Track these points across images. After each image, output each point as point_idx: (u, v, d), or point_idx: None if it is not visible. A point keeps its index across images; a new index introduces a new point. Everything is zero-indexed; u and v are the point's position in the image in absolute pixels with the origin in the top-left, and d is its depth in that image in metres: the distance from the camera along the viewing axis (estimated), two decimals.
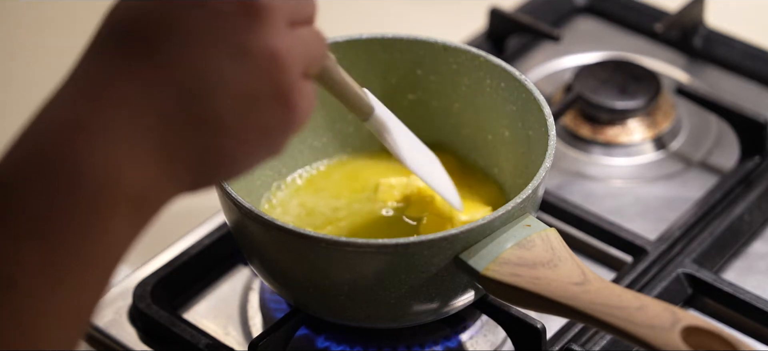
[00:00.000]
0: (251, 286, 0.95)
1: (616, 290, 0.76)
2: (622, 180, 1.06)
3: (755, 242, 0.99)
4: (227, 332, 0.92)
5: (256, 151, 0.62)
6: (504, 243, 0.79)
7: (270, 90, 0.61)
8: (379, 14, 1.26)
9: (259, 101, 0.60)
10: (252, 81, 0.60)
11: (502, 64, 0.90)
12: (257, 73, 0.60)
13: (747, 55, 1.16)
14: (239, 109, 0.60)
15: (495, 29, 1.16)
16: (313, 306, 0.86)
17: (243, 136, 0.61)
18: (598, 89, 1.09)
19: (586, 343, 0.89)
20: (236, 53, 0.60)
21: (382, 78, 0.95)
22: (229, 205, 0.82)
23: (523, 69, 1.16)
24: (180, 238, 0.97)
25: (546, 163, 0.83)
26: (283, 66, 0.61)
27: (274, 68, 0.60)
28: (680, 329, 0.72)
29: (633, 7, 1.22)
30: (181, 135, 0.59)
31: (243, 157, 0.62)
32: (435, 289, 0.81)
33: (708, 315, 0.93)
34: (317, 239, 0.79)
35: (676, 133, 1.09)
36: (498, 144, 0.93)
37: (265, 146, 0.62)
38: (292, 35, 0.62)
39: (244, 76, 0.60)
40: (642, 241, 0.96)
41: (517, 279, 0.78)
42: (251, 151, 0.62)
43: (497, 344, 0.91)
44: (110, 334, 0.91)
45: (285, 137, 0.63)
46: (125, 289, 0.93)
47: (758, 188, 1.01)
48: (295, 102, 0.62)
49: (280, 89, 0.61)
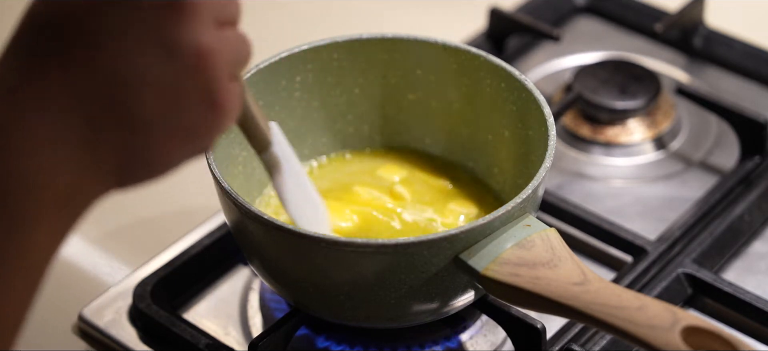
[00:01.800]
0: (251, 286, 0.95)
1: (616, 290, 0.76)
2: (622, 180, 1.06)
3: (755, 242, 0.99)
4: (227, 332, 0.92)
5: (181, 150, 0.61)
6: (504, 243, 0.79)
7: (196, 89, 0.59)
8: (379, 14, 1.26)
9: (184, 100, 0.59)
10: (177, 79, 0.58)
11: (502, 64, 0.90)
12: (183, 71, 0.58)
13: (747, 55, 1.16)
14: (164, 108, 0.58)
15: (495, 29, 1.16)
16: (313, 306, 0.86)
17: (169, 135, 0.59)
18: (598, 89, 1.09)
19: (586, 343, 0.89)
20: (161, 50, 0.58)
21: (382, 78, 0.95)
22: (229, 205, 0.82)
23: (523, 69, 1.16)
24: (180, 238, 0.97)
25: (546, 163, 0.83)
26: (211, 64, 0.59)
27: (201, 66, 0.59)
28: (680, 329, 0.72)
29: (633, 7, 1.22)
30: (104, 134, 0.58)
31: (168, 155, 0.60)
32: (435, 289, 0.81)
33: (708, 315, 0.93)
34: (317, 239, 0.79)
35: (676, 133, 1.09)
36: (498, 144, 0.93)
37: (191, 145, 0.61)
38: (219, 35, 0.60)
39: (169, 73, 0.58)
40: (642, 241, 0.96)
41: (517, 279, 0.78)
42: (177, 149, 0.60)
43: (497, 344, 0.91)
44: (110, 334, 0.91)
45: (211, 137, 0.61)
46: (125, 289, 0.93)
47: (758, 188, 1.01)
48: (222, 102, 0.60)
49: (207, 88, 0.59)
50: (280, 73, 0.92)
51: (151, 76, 0.58)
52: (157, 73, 0.58)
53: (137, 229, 1.02)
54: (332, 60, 0.93)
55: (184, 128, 0.60)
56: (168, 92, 0.58)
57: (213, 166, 0.83)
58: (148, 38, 0.58)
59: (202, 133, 0.61)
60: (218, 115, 0.61)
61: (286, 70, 0.93)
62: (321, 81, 0.94)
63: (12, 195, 0.56)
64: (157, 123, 0.59)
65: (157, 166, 0.61)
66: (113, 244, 1.00)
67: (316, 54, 0.93)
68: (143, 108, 0.58)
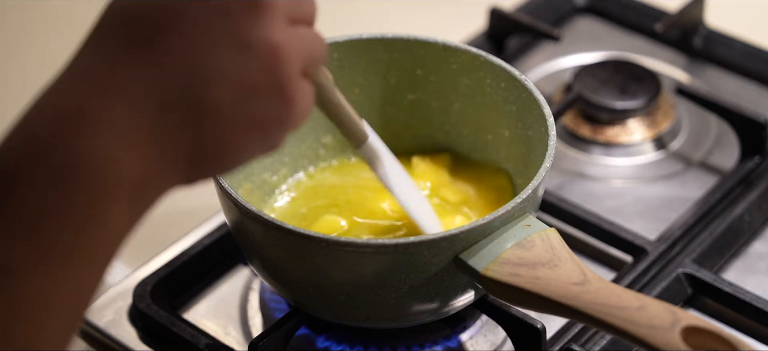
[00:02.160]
0: (251, 286, 0.95)
1: (616, 290, 0.76)
2: (622, 180, 1.06)
3: (755, 242, 0.99)
4: (227, 332, 0.92)
5: (253, 145, 0.62)
6: (504, 243, 0.79)
7: (269, 83, 0.60)
8: (379, 14, 1.26)
9: (257, 94, 0.60)
10: (251, 73, 0.60)
11: (502, 64, 0.90)
12: (257, 66, 0.60)
13: (747, 55, 1.16)
14: (238, 101, 0.60)
15: (495, 29, 1.16)
16: (313, 306, 0.86)
17: (240, 128, 0.61)
18: (598, 89, 1.09)
19: (586, 343, 0.89)
20: (237, 45, 0.59)
21: (382, 78, 0.95)
22: (229, 205, 0.82)
23: (523, 69, 1.16)
24: (180, 238, 0.97)
25: (546, 163, 0.83)
26: (283, 59, 0.61)
27: (274, 61, 0.60)
28: (680, 329, 0.72)
29: (633, 7, 1.22)
30: (179, 125, 0.59)
31: (239, 149, 0.62)
32: (435, 289, 0.81)
33: (708, 315, 0.93)
34: (317, 239, 0.79)
35: (676, 133, 1.09)
36: (498, 144, 0.93)
37: (262, 140, 0.62)
38: (293, 32, 0.62)
39: (243, 68, 0.60)
40: (642, 241, 0.96)
41: (517, 279, 0.78)
42: (248, 144, 0.62)
43: (497, 344, 0.91)
44: (110, 334, 0.91)
45: (282, 132, 0.63)
46: (125, 289, 0.93)
47: (758, 188, 1.01)
48: (294, 97, 0.62)
49: (278, 83, 0.61)
50: None
51: (225, 69, 0.59)
52: (231, 66, 0.59)
53: (137, 229, 1.02)
54: (332, 60, 0.93)
55: (254, 122, 0.61)
56: (240, 86, 0.60)
57: None
58: (224, 33, 0.59)
59: (272, 128, 0.62)
60: (289, 110, 0.62)
61: None
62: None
63: (84, 177, 0.57)
64: (228, 116, 0.60)
65: (226, 160, 0.62)
66: None
67: None
68: (216, 101, 0.59)
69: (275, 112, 0.61)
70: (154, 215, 1.03)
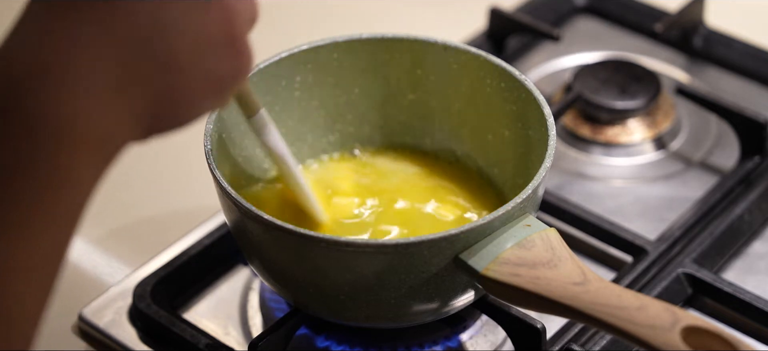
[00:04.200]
0: (251, 286, 0.95)
1: (616, 290, 0.76)
2: (622, 180, 1.06)
3: (755, 242, 0.99)
4: (227, 332, 0.92)
5: (207, 99, 0.64)
6: (504, 243, 0.79)
7: (222, 36, 0.63)
8: (379, 14, 1.26)
9: (212, 46, 0.63)
10: (206, 26, 0.62)
11: (502, 64, 0.90)
12: (211, 20, 0.62)
13: (747, 55, 1.16)
14: (194, 53, 0.62)
15: (495, 29, 1.16)
16: (313, 306, 0.86)
17: (197, 79, 0.63)
18: (598, 89, 1.09)
19: (586, 343, 0.89)
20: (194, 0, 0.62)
21: (382, 78, 0.95)
22: (229, 205, 0.82)
23: (523, 69, 1.16)
24: (180, 238, 0.97)
25: (546, 163, 0.83)
26: (235, 15, 0.64)
27: (227, 16, 0.63)
28: (680, 329, 0.72)
29: (633, 7, 1.22)
30: (141, 78, 0.60)
31: (195, 102, 0.63)
32: (435, 289, 0.81)
33: (708, 315, 0.93)
34: (317, 239, 0.79)
35: (676, 133, 1.09)
36: (498, 144, 0.93)
37: (215, 93, 0.64)
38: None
39: (199, 21, 0.62)
40: (642, 241, 0.96)
41: (517, 279, 0.78)
42: (203, 97, 0.64)
43: (497, 344, 0.91)
44: (110, 334, 0.91)
45: (233, 85, 0.65)
46: (125, 289, 0.93)
47: (758, 188, 1.01)
48: (244, 51, 0.65)
49: (232, 36, 0.64)
50: (280, 73, 0.92)
51: (184, 22, 0.61)
52: (189, 20, 0.61)
53: (137, 229, 1.02)
54: (332, 60, 0.93)
55: (211, 73, 0.63)
56: (198, 39, 0.62)
57: (213, 166, 0.83)
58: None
59: (226, 80, 0.64)
60: (240, 63, 0.65)
61: (286, 70, 0.93)
62: (321, 81, 0.94)
63: (48, 133, 0.57)
64: (188, 68, 0.62)
65: (182, 114, 0.64)
66: (113, 244, 1.00)
67: (316, 54, 0.93)
68: (176, 53, 0.61)
69: (228, 65, 0.64)
70: (154, 215, 1.04)
